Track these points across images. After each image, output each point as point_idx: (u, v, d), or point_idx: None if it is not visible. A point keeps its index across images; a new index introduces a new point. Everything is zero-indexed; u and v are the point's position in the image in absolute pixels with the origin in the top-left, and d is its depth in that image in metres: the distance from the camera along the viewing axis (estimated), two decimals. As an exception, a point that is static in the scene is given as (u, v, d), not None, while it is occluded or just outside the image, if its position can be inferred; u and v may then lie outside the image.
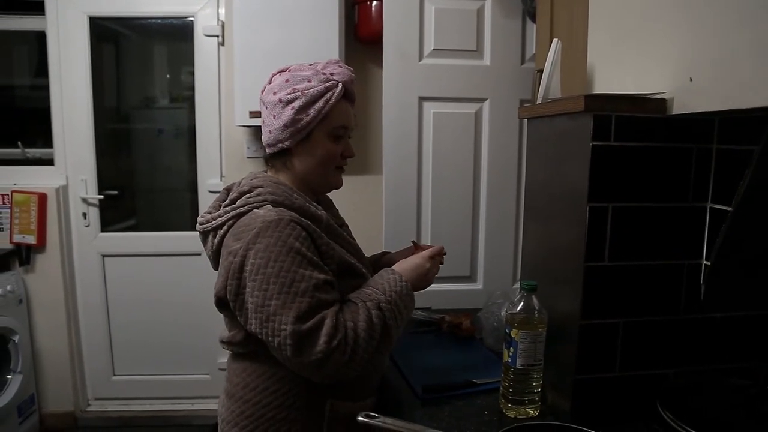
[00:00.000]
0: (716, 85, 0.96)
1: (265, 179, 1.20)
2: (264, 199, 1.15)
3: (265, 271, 1.06)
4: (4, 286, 2.65)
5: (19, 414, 2.72)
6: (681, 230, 1.14)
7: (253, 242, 1.08)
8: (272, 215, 1.10)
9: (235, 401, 1.21)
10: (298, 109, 1.16)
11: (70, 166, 2.94)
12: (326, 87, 1.18)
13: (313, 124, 1.18)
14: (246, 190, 1.18)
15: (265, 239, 1.07)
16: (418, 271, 1.24)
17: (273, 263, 1.06)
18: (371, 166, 2.61)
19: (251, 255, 1.07)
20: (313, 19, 2.32)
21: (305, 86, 1.18)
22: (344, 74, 1.21)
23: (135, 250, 3.03)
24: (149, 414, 3.08)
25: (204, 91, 2.90)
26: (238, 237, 1.11)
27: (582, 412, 1.15)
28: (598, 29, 1.33)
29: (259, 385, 1.18)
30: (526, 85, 1.94)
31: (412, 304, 1.21)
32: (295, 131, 1.18)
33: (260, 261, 1.06)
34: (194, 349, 3.04)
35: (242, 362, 1.22)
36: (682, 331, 1.17)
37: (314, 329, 1.04)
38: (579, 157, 1.12)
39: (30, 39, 3.08)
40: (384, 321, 1.12)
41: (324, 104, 1.18)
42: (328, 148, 1.22)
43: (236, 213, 1.15)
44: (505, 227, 2.03)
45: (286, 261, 1.06)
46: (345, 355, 1.06)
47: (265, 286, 1.06)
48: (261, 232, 1.08)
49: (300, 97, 1.17)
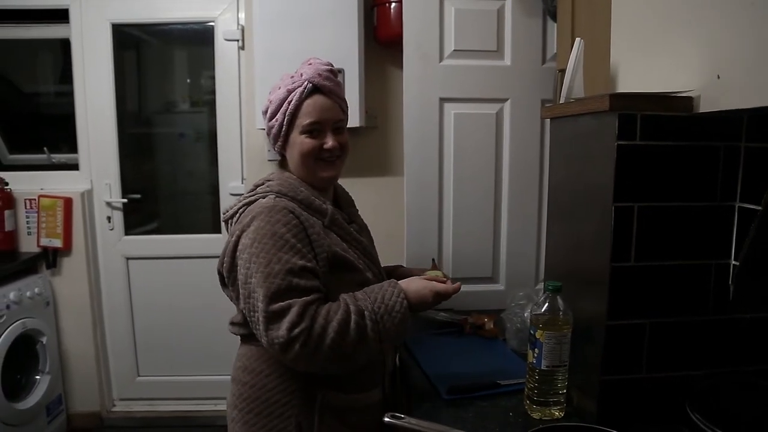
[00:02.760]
0: (745, 82, 0.95)
1: (275, 175, 1.29)
2: (270, 190, 1.23)
3: (249, 251, 1.14)
4: (32, 289, 2.70)
5: (48, 414, 2.77)
6: (709, 230, 1.13)
7: (248, 225, 1.17)
8: (269, 203, 1.19)
9: (236, 384, 1.28)
10: (269, 116, 1.27)
11: (95, 171, 2.99)
12: (288, 90, 1.24)
13: (284, 127, 1.25)
14: (260, 183, 1.28)
15: (256, 222, 1.16)
16: (421, 295, 1.23)
17: (258, 244, 1.14)
18: (392, 168, 2.60)
19: (243, 236, 1.17)
20: (333, 21, 2.33)
21: (275, 94, 1.26)
22: (311, 71, 1.24)
23: (158, 253, 3.07)
24: (173, 414, 3.12)
25: (225, 95, 2.93)
26: (239, 221, 1.21)
27: (608, 413, 1.14)
28: (622, 27, 1.32)
29: (256, 368, 1.24)
30: (547, 85, 1.93)
31: (403, 323, 1.19)
32: (274, 136, 1.28)
33: (248, 241, 1.15)
34: (217, 350, 3.06)
35: (245, 346, 1.30)
36: (711, 332, 1.16)
37: (280, 313, 1.09)
38: (604, 156, 1.11)
39: (54, 47, 3.14)
40: (362, 330, 1.13)
41: (287, 106, 1.24)
42: (302, 145, 1.26)
43: (246, 202, 1.25)
44: (527, 228, 2.02)
45: (268, 243, 1.13)
46: (306, 347, 1.09)
47: (248, 264, 1.14)
48: (256, 216, 1.17)
49: (269, 104, 1.26)
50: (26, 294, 2.65)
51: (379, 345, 1.17)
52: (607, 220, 1.10)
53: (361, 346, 1.14)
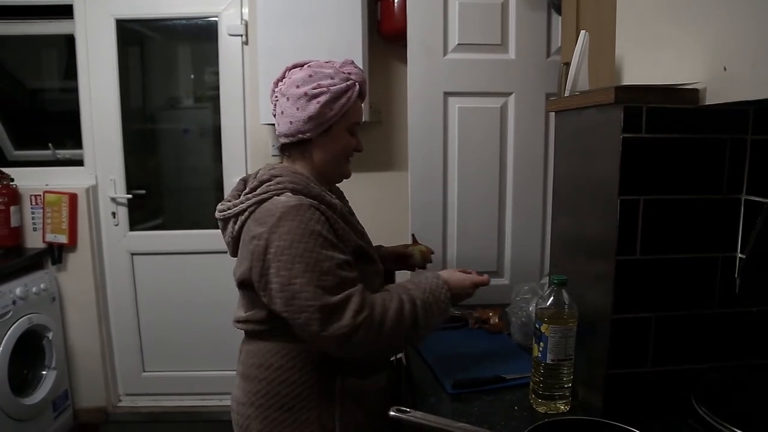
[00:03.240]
0: (751, 74, 0.94)
1: (283, 169, 1.27)
2: (284, 186, 1.21)
3: (289, 252, 1.12)
4: (37, 285, 2.71)
5: (54, 409, 2.79)
6: (715, 222, 1.12)
7: (277, 226, 1.14)
8: (293, 201, 1.17)
9: (250, 381, 1.27)
10: (323, 104, 1.24)
11: (99, 167, 3.00)
12: (347, 85, 1.26)
13: (335, 119, 1.27)
14: (266, 179, 1.25)
15: (287, 223, 1.14)
16: (462, 290, 1.34)
17: (297, 244, 1.13)
18: (396, 163, 2.60)
19: (275, 238, 1.14)
20: (336, 16, 2.32)
21: (329, 83, 1.25)
22: (359, 74, 1.30)
23: (163, 249, 3.07)
24: (178, 409, 3.13)
25: (228, 91, 2.93)
26: (261, 222, 1.17)
27: (614, 407, 1.14)
28: (626, 19, 1.31)
29: (273, 363, 1.24)
30: (551, 78, 1.92)
31: (446, 312, 1.29)
32: (318, 124, 1.25)
33: (284, 243, 1.13)
34: (222, 345, 3.06)
35: (257, 342, 1.28)
36: (717, 325, 1.15)
37: (341, 304, 1.12)
38: (609, 149, 1.10)
39: (59, 43, 3.14)
40: (415, 317, 1.20)
41: (346, 101, 1.26)
42: (345, 142, 1.31)
43: (257, 200, 1.21)
44: (531, 222, 2.01)
45: (309, 242, 1.13)
46: (369, 332, 1.13)
47: (289, 266, 1.12)
48: (283, 216, 1.14)
49: (326, 92, 1.24)
50: (32, 290, 2.66)
51: (426, 332, 1.25)
52: (613, 214, 1.09)
53: (411, 332, 1.21)
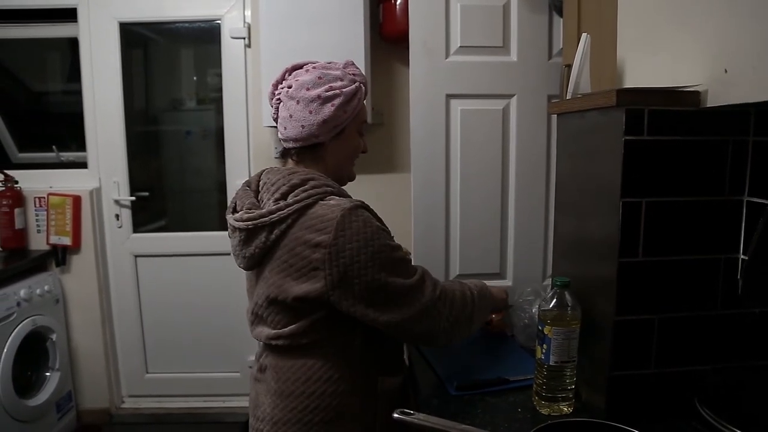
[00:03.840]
0: (752, 76, 0.94)
1: (310, 173, 1.23)
2: (324, 191, 1.19)
3: (366, 251, 1.14)
4: (41, 286, 2.72)
5: (58, 410, 2.80)
6: (717, 224, 1.12)
7: (341, 230, 1.13)
8: (345, 203, 1.17)
9: (292, 398, 1.21)
10: (338, 107, 1.22)
11: (103, 169, 3.01)
12: (356, 87, 1.26)
13: (348, 121, 1.27)
14: (298, 183, 1.18)
15: (352, 224, 1.14)
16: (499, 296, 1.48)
17: (372, 242, 1.15)
18: (398, 164, 2.61)
19: (343, 242, 1.12)
20: (339, 18, 2.33)
21: (341, 85, 1.24)
22: (361, 75, 1.31)
23: (166, 251, 3.09)
24: (182, 411, 3.14)
25: (231, 93, 2.94)
26: (317, 229, 1.13)
27: (617, 409, 1.14)
28: (628, 22, 1.31)
29: (321, 375, 1.20)
30: (553, 80, 1.92)
31: (487, 311, 1.41)
32: (332, 127, 1.24)
33: (357, 244, 1.13)
34: (224, 347, 3.09)
35: (294, 358, 1.22)
36: (720, 326, 1.15)
37: (420, 282, 1.20)
38: (611, 152, 1.10)
39: (63, 46, 3.16)
40: (473, 303, 1.31)
41: (357, 102, 1.27)
42: (356, 143, 1.33)
43: (302, 206, 1.15)
44: (534, 224, 2.01)
45: (381, 238, 1.17)
46: (445, 307, 1.23)
47: (370, 264, 1.14)
48: (344, 219, 1.13)
49: (339, 95, 1.23)
50: (36, 291, 2.67)
51: (477, 325, 1.35)
52: (615, 216, 1.09)
53: (466, 318, 1.29)
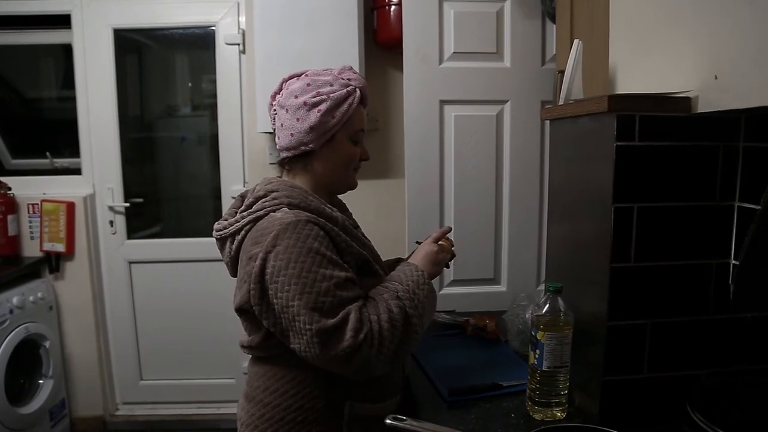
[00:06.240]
0: (742, 83, 0.95)
1: (280, 183, 1.21)
2: (280, 202, 1.16)
3: (286, 273, 1.07)
4: (35, 293, 2.71)
5: (51, 418, 2.78)
6: (708, 229, 1.13)
7: (273, 245, 1.09)
8: (289, 217, 1.11)
9: (255, 404, 1.22)
10: (324, 112, 1.18)
11: (97, 175, 3.00)
12: (348, 91, 1.21)
13: (337, 127, 1.21)
14: (261, 195, 1.19)
15: (284, 241, 1.08)
16: (428, 258, 1.28)
17: (294, 264, 1.07)
18: (392, 170, 2.61)
19: (271, 258, 1.08)
20: (333, 24, 2.34)
21: (329, 90, 1.20)
22: (359, 80, 1.25)
23: (160, 257, 3.07)
24: (177, 418, 3.12)
25: (226, 99, 2.94)
26: (256, 241, 1.12)
27: (610, 414, 1.14)
28: (620, 28, 1.32)
29: (279, 388, 1.19)
30: (547, 86, 1.94)
31: (433, 294, 1.23)
32: (320, 134, 1.20)
33: (281, 263, 1.08)
34: (219, 353, 3.07)
35: (263, 366, 1.23)
36: (712, 331, 1.16)
37: (340, 325, 1.05)
38: (603, 157, 1.11)
39: (57, 52, 3.16)
40: (404, 310, 1.14)
41: (348, 108, 1.21)
42: (349, 151, 1.26)
43: (253, 218, 1.16)
44: (528, 229, 2.02)
45: (306, 261, 1.07)
46: (372, 348, 1.07)
47: (287, 287, 1.07)
48: (279, 234, 1.09)
49: (326, 100, 1.19)
50: (29, 298, 2.66)
51: (421, 321, 1.17)
52: (607, 221, 1.10)
53: (408, 327, 1.13)
